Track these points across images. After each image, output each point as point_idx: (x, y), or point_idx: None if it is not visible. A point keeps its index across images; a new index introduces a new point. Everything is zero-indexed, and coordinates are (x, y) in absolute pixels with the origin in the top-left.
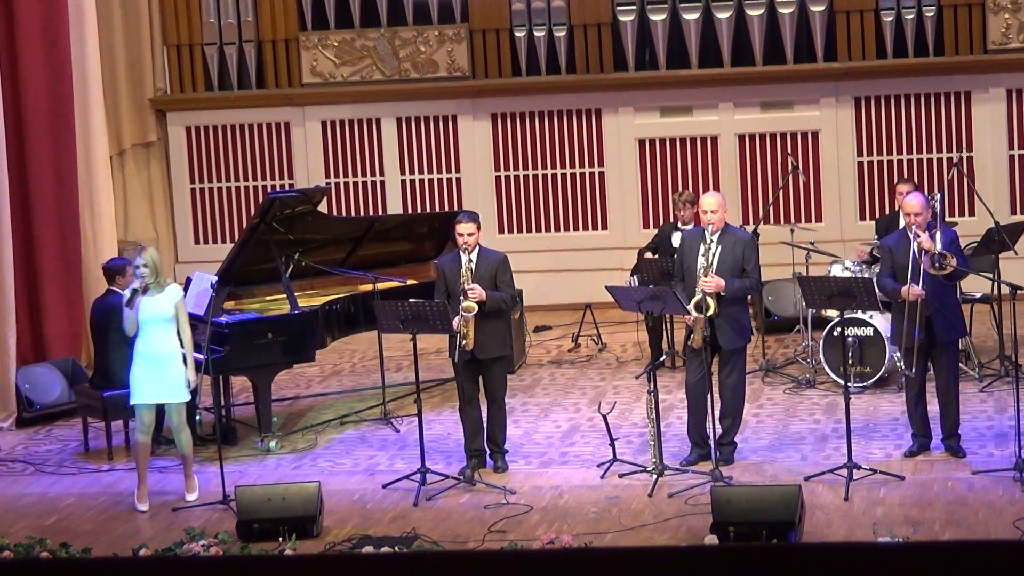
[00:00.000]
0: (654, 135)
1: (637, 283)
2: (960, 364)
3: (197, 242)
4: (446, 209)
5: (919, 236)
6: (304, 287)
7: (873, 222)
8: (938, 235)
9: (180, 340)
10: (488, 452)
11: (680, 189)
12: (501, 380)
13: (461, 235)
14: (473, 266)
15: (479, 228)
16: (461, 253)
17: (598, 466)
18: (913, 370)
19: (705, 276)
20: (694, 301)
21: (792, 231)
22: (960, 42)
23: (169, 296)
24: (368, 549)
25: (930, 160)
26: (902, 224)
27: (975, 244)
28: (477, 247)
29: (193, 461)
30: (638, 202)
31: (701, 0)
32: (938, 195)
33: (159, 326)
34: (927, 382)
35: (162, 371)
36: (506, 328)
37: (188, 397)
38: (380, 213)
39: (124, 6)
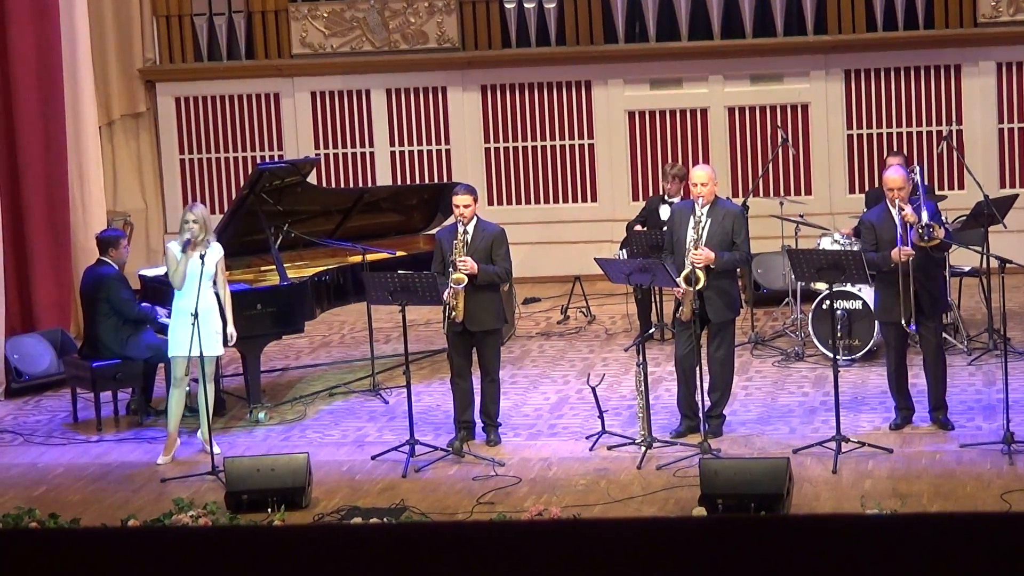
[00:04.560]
0: (644, 107)
1: (626, 255)
2: (949, 337)
3: None
4: (435, 181)
5: (903, 210)
6: (293, 258)
7: (863, 195)
8: (923, 209)
9: (218, 296)
10: (482, 425)
11: (670, 162)
12: (495, 353)
13: (457, 207)
14: (468, 238)
15: (476, 200)
16: (458, 225)
17: (587, 438)
18: (907, 324)
19: (695, 249)
20: (683, 274)
21: (782, 204)
22: (950, 15)
23: (212, 255)
24: (357, 520)
25: (920, 133)
26: None
27: (964, 217)
28: (474, 219)
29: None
30: (627, 174)
31: None
32: (917, 168)
33: (204, 282)
34: (914, 355)
35: (202, 325)
36: (499, 301)
37: (222, 351)
38: (369, 185)
39: None
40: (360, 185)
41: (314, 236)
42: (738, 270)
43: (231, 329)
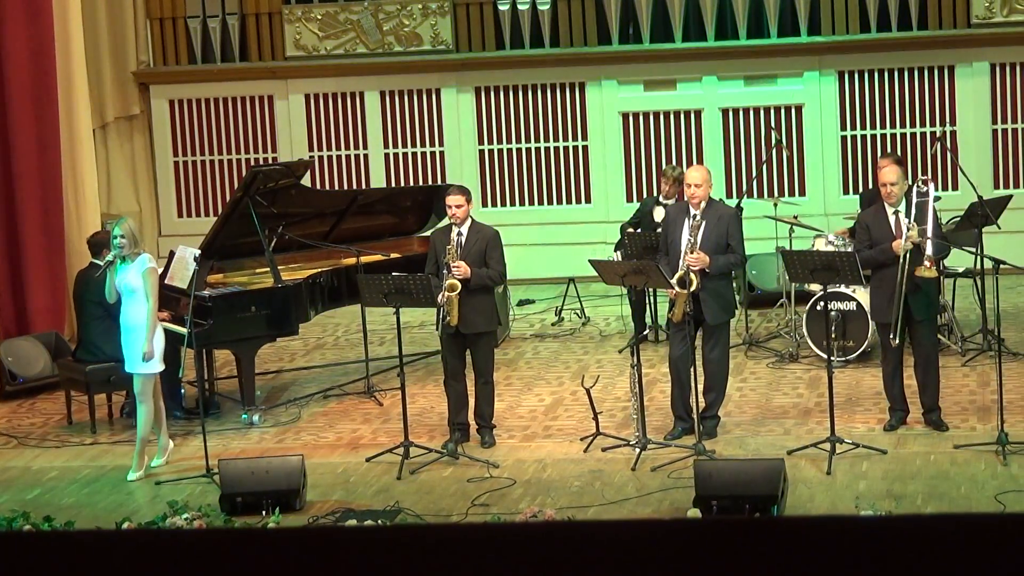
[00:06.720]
0: (638, 109)
1: (620, 257)
2: (943, 338)
3: (180, 215)
4: (430, 183)
5: (912, 228)
6: (287, 260)
7: (857, 196)
8: (929, 233)
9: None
10: (477, 427)
11: (665, 163)
12: (488, 355)
13: (450, 207)
14: (463, 240)
15: (469, 201)
16: (452, 226)
17: (581, 440)
18: (895, 340)
19: (691, 253)
20: (677, 276)
21: (776, 205)
22: (944, 16)
23: (137, 267)
24: (351, 522)
25: (913, 134)
26: None
27: (958, 218)
28: (469, 220)
29: (147, 442)
30: (622, 176)
31: None
32: (932, 184)
33: (130, 297)
34: (907, 356)
35: (133, 341)
36: (493, 303)
37: (149, 369)
38: (363, 187)
39: None
40: (354, 187)
41: (308, 238)
42: (732, 271)
43: (147, 347)
